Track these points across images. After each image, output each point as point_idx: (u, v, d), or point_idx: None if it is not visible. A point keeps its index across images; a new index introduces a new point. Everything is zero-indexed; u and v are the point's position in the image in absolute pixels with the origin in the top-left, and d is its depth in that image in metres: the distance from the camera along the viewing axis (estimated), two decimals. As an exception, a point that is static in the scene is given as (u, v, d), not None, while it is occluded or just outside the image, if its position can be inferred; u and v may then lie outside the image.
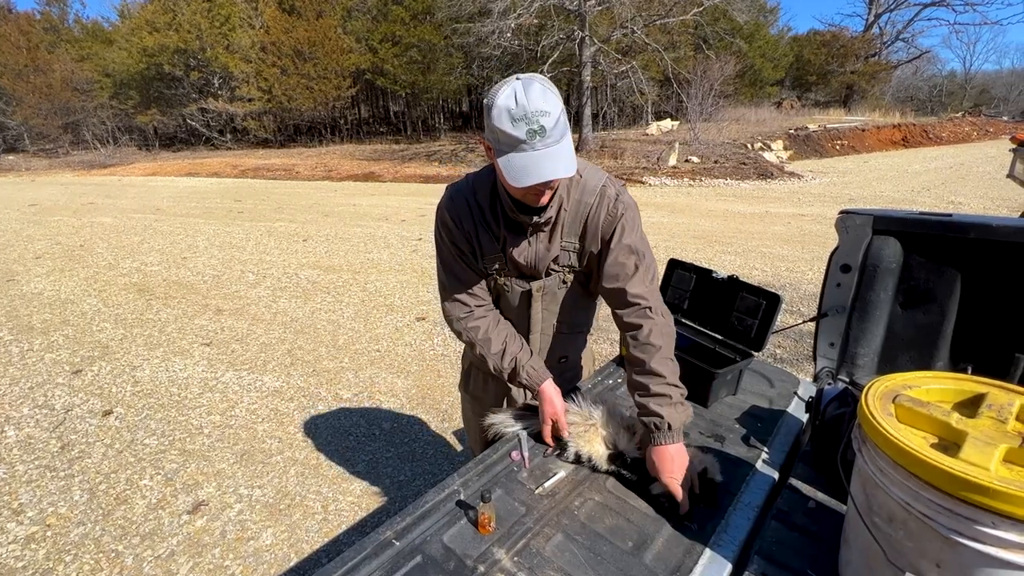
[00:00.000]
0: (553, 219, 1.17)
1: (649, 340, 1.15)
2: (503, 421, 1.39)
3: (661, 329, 1.16)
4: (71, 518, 2.28)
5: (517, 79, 0.99)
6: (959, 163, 15.89)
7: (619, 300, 1.20)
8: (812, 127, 21.32)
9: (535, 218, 1.14)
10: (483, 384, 1.51)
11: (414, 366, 3.72)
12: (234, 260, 6.78)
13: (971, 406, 0.83)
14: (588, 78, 17.74)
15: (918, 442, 0.74)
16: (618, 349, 1.74)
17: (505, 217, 1.19)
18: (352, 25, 26.62)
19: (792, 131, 20.46)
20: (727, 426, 1.38)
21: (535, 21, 17.17)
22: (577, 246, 1.22)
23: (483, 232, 1.21)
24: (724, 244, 6.88)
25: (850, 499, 0.88)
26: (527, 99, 0.94)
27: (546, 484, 1.14)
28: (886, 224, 1.39)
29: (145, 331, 4.45)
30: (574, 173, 1.02)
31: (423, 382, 3.47)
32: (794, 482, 1.17)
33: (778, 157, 17.54)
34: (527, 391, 1.31)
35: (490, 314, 1.31)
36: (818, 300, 1.58)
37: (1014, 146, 5.91)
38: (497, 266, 1.25)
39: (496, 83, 1.04)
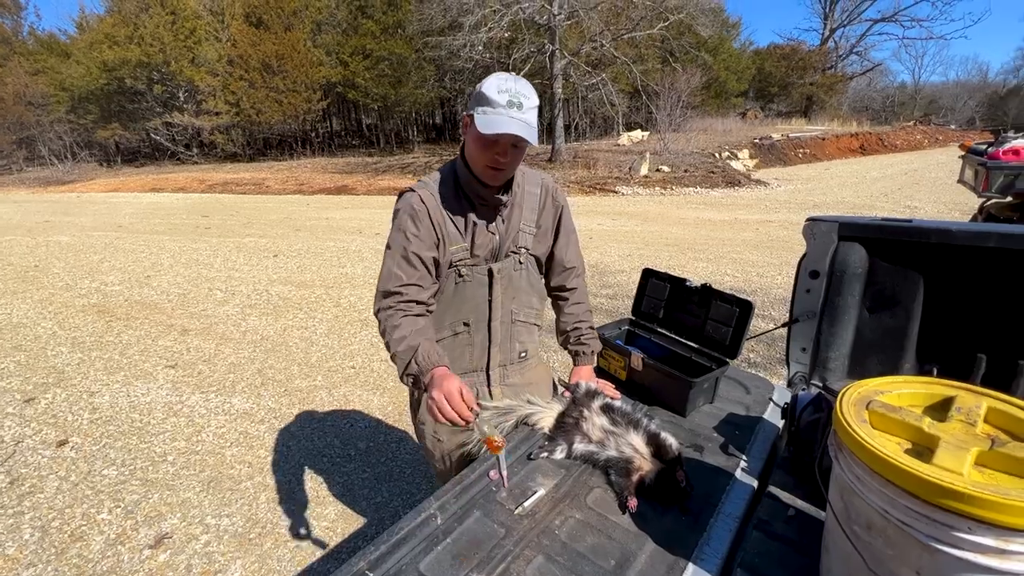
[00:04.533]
0: (512, 201, 1.36)
1: (580, 299, 1.56)
2: (490, 419, 1.36)
3: (584, 288, 1.59)
4: (20, 559, 2.13)
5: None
6: (913, 169, 16.70)
7: (560, 266, 1.51)
8: (776, 136, 22.10)
9: (503, 195, 1.30)
10: None
11: (390, 382, 3.64)
12: (201, 277, 6.56)
13: (941, 409, 0.84)
14: (560, 90, 18.01)
15: (892, 448, 0.75)
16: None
17: (470, 203, 1.31)
18: (322, 38, 26.46)
19: (757, 140, 21.17)
20: (705, 435, 1.37)
21: (506, 35, 17.37)
22: (535, 230, 1.40)
23: (449, 223, 1.29)
24: (696, 251, 7.01)
25: (829, 507, 0.88)
26: (515, 83, 1.17)
27: (526, 504, 1.11)
28: (851, 230, 1.42)
29: (104, 354, 4.24)
30: (535, 143, 1.19)
31: (400, 399, 3.39)
32: (773, 490, 1.17)
33: (745, 165, 18.10)
34: (414, 381, 1.21)
35: (420, 318, 1.28)
36: (789, 306, 1.60)
37: (963, 153, 6.24)
38: (460, 256, 1.31)
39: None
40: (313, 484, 2.57)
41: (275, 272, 6.74)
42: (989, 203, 5.67)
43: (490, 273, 1.35)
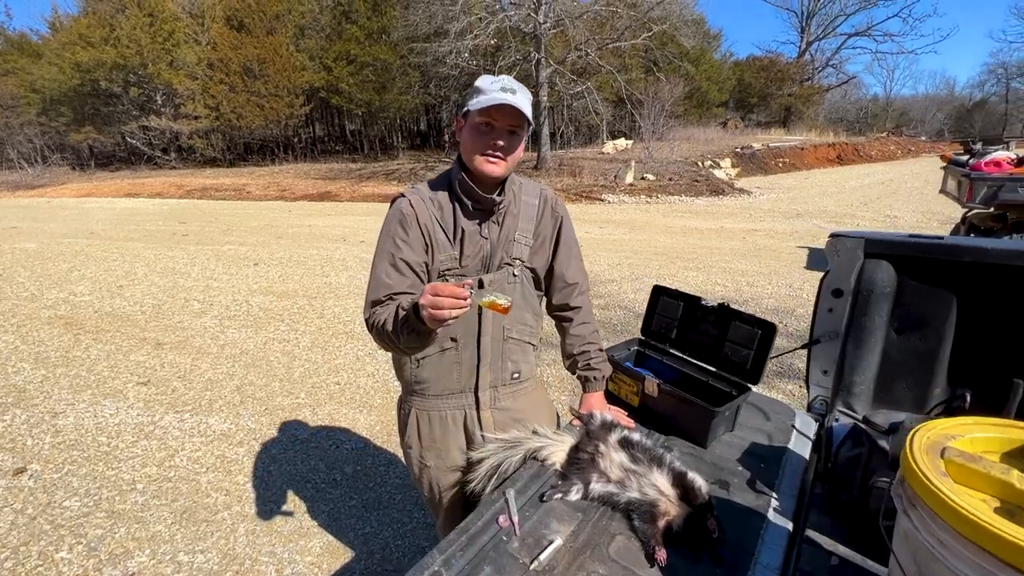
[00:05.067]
0: (507, 208, 1.28)
1: (585, 319, 1.46)
2: (495, 451, 1.24)
3: (589, 307, 1.49)
4: (-34, 607, 1.92)
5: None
6: (889, 179, 17.10)
7: (561, 282, 1.41)
8: (756, 146, 22.49)
9: (497, 197, 1.23)
10: (440, 427, 1.35)
11: (378, 399, 3.48)
12: (177, 287, 6.29)
13: (1021, 457, 0.75)
14: (545, 98, 18.04)
15: (982, 508, 0.65)
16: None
17: (462, 208, 1.24)
18: (305, 43, 26.16)
19: (738, 149, 21.50)
20: (730, 469, 1.27)
21: (492, 42, 17.37)
22: (531, 241, 1.32)
23: (438, 229, 1.24)
24: (686, 260, 6.99)
25: (895, 567, 0.78)
26: (509, 80, 1.15)
27: (541, 557, 0.98)
28: (878, 247, 1.34)
29: (71, 371, 3.99)
30: (529, 118, 1.16)
31: (388, 417, 3.24)
32: (811, 534, 1.07)
33: (727, 174, 18.33)
34: (412, 316, 1.06)
35: None
36: (810, 326, 1.51)
37: (945, 164, 6.35)
38: (448, 265, 1.25)
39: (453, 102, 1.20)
40: (297, 513, 2.40)
41: (255, 282, 6.50)
42: (971, 214, 5.77)
43: (480, 285, 1.26)
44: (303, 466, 2.75)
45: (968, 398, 1.32)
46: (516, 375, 1.40)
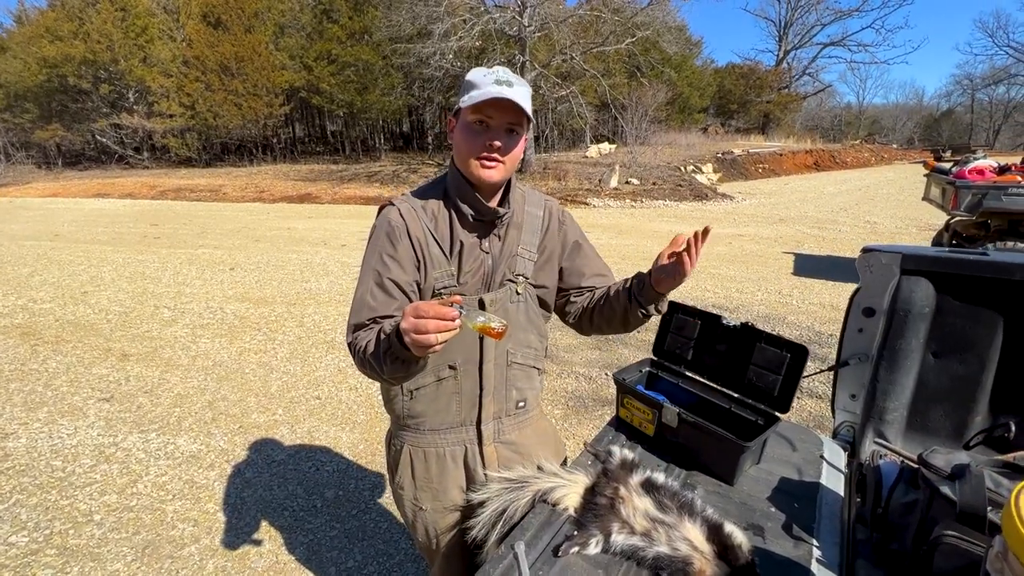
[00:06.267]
0: (511, 220, 1.16)
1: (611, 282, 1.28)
2: (499, 493, 1.10)
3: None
4: None
5: None
6: (866, 185, 17.49)
7: (583, 280, 1.27)
8: (737, 151, 22.81)
9: (501, 209, 1.12)
10: (437, 465, 1.20)
11: (361, 415, 3.29)
12: (147, 293, 5.98)
13: None
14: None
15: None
16: (584, 385, 1.49)
17: (459, 218, 1.12)
18: (285, 42, 25.62)
19: (719, 155, 21.77)
20: (761, 511, 1.14)
21: (477, 44, 17.24)
22: (535, 256, 1.21)
23: (432, 242, 1.11)
24: (674, 265, 6.93)
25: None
26: (505, 72, 1.03)
27: (563, 630, 0.84)
28: (916, 263, 1.23)
29: (26, 386, 3.70)
30: (529, 113, 1.04)
31: (372, 435, 3.05)
32: (862, 590, 0.94)
33: (709, 179, 18.52)
34: (395, 342, 0.91)
35: None
36: (837, 347, 1.40)
37: (928, 171, 6.42)
38: (444, 283, 1.12)
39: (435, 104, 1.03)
40: (272, 546, 2.20)
41: (231, 287, 6.22)
42: (955, 221, 5.84)
43: (481, 305, 1.12)
44: (280, 491, 2.55)
45: (1013, 428, 1.22)
46: (521, 404, 1.26)
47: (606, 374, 3.69)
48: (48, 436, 3.04)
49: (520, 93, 1.01)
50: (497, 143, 1.03)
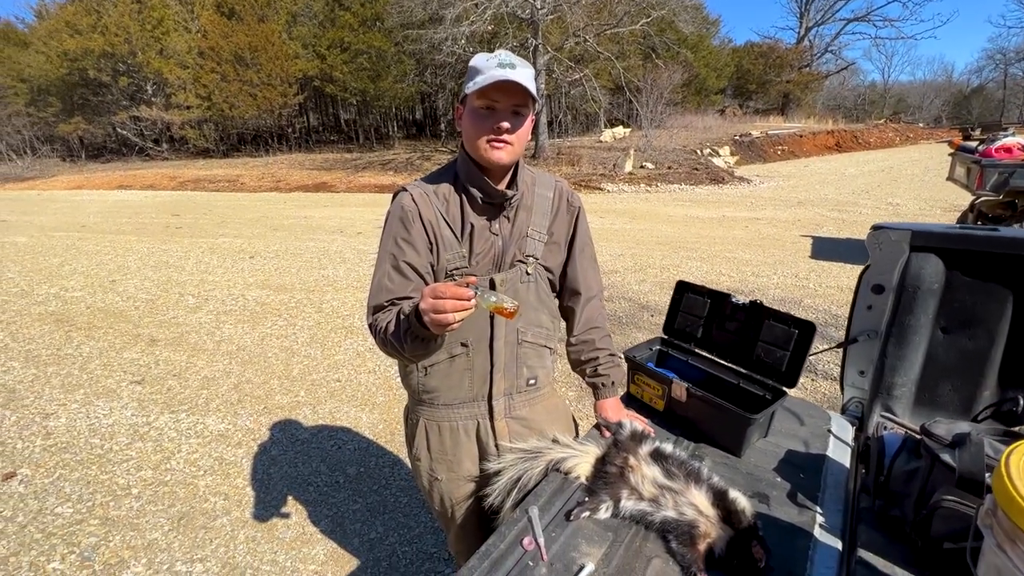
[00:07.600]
0: (520, 201, 1.19)
1: (596, 323, 1.36)
2: (514, 463, 1.15)
3: (603, 312, 1.40)
4: (-46, 622, 1.83)
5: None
6: (889, 166, 16.99)
7: (572, 289, 1.33)
8: (755, 133, 22.31)
9: (509, 191, 1.15)
10: (451, 437, 1.26)
11: (380, 396, 3.39)
12: (171, 281, 6.16)
13: None
14: (543, 86, 17.78)
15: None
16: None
17: (469, 201, 1.15)
18: (298, 31, 25.68)
19: (737, 137, 21.33)
20: (767, 480, 1.18)
21: (489, 28, 17.06)
22: (545, 237, 1.23)
23: (444, 225, 1.15)
24: (689, 250, 6.89)
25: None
26: (507, 55, 1.05)
27: (574, 586, 0.89)
28: (926, 240, 1.24)
29: (62, 369, 3.88)
30: (534, 92, 1.05)
31: (391, 415, 3.15)
32: (863, 554, 0.98)
33: (726, 162, 18.19)
34: (414, 321, 0.97)
35: None
36: (846, 324, 1.42)
37: (953, 151, 6.24)
38: (456, 264, 1.16)
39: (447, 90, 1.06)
40: (298, 518, 2.31)
41: (252, 275, 6.37)
42: (980, 201, 5.68)
43: (492, 285, 1.16)
44: (304, 468, 2.67)
45: (1022, 402, 1.23)
46: (532, 381, 1.30)
47: (620, 357, 3.72)
48: (86, 416, 3.21)
49: (524, 75, 1.03)
50: (505, 124, 1.06)
